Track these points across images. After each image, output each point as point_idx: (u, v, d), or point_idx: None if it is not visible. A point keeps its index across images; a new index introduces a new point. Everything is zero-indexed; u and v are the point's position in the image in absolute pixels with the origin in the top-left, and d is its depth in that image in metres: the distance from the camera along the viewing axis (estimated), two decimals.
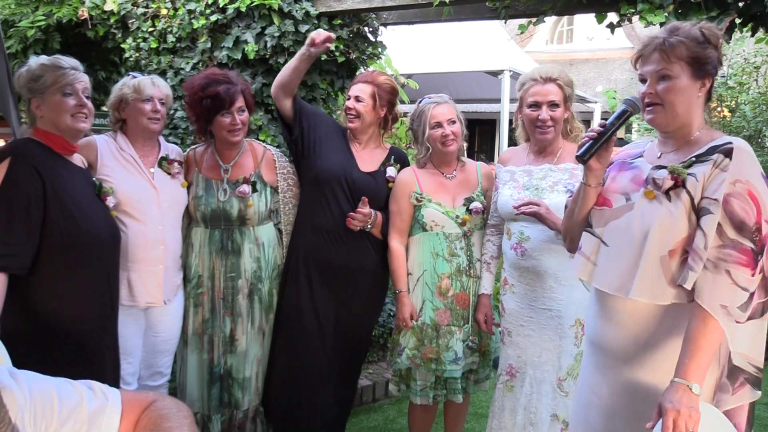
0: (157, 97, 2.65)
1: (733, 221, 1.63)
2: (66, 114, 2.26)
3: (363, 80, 2.92)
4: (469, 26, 6.90)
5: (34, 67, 2.27)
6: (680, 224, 1.70)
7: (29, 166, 2.16)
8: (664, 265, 1.71)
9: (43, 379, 1.25)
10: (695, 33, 1.74)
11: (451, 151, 2.82)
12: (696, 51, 1.73)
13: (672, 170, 1.73)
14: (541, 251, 2.57)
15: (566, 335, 2.57)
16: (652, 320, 1.77)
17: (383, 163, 2.94)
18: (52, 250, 2.18)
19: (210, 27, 3.74)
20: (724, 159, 1.68)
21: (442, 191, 2.85)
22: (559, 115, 2.59)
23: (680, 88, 1.74)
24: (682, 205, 1.71)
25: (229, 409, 2.85)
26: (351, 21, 3.85)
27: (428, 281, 2.80)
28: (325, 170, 2.85)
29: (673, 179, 1.73)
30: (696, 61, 1.73)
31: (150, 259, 2.60)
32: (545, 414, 2.58)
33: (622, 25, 3.38)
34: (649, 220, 1.75)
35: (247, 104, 2.79)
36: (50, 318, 2.20)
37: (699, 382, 1.60)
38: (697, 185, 1.69)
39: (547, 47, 15.97)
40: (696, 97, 1.77)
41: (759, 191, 1.65)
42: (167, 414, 1.29)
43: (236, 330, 2.81)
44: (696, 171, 1.71)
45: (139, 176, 2.64)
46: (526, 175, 2.68)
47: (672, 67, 1.73)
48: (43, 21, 4.14)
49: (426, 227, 2.80)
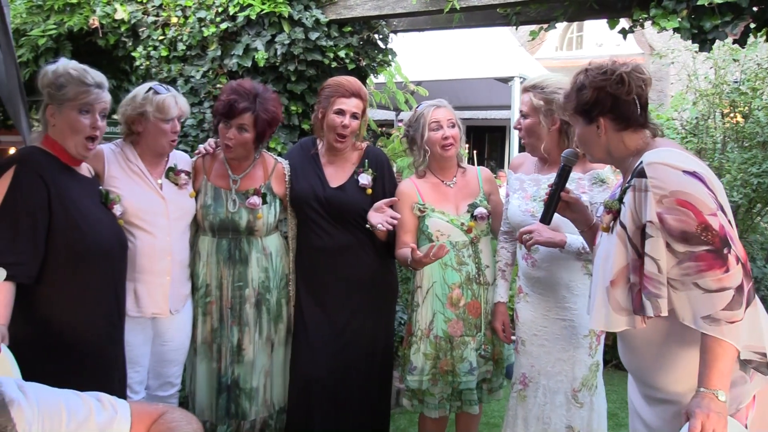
0: (178, 117, 2.61)
1: (676, 236, 1.63)
2: (77, 136, 2.24)
3: (354, 94, 2.77)
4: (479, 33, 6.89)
5: (60, 72, 2.23)
6: (617, 254, 1.76)
7: (35, 174, 2.15)
8: (609, 294, 1.77)
9: (51, 391, 1.24)
10: (574, 82, 1.90)
11: (449, 155, 2.77)
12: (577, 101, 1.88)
13: (606, 205, 1.85)
14: (550, 262, 2.54)
15: (580, 345, 2.54)
16: (660, 336, 1.78)
17: (354, 171, 2.86)
18: (58, 258, 2.18)
19: (220, 35, 3.75)
20: (641, 180, 1.70)
21: (444, 200, 2.81)
22: (528, 124, 2.57)
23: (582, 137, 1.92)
24: (616, 236, 1.77)
25: (236, 420, 2.82)
26: (361, 28, 3.85)
27: (438, 293, 2.77)
28: (298, 195, 2.84)
29: (609, 213, 1.82)
30: (578, 109, 1.88)
31: (157, 270, 2.59)
32: (560, 425, 2.54)
33: (634, 31, 3.35)
34: (598, 254, 1.88)
35: (258, 128, 2.68)
36: (57, 327, 2.19)
37: (724, 388, 1.59)
38: (626, 213, 1.74)
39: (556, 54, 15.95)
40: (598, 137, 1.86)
41: (690, 194, 1.63)
42: (176, 427, 1.28)
43: (243, 340, 2.79)
44: (626, 199, 1.76)
45: (147, 187, 2.62)
46: (534, 184, 2.65)
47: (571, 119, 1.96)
48: (54, 30, 4.16)
49: (432, 238, 2.76)
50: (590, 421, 2.53)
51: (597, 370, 2.56)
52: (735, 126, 6.18)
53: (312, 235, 2.84)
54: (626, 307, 1.75)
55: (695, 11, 2.90)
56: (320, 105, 2.83)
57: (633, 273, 1.73)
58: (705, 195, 1.64)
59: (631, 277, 1.73)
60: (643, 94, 1.82)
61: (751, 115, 6.09)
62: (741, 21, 2.85)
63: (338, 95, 2.76)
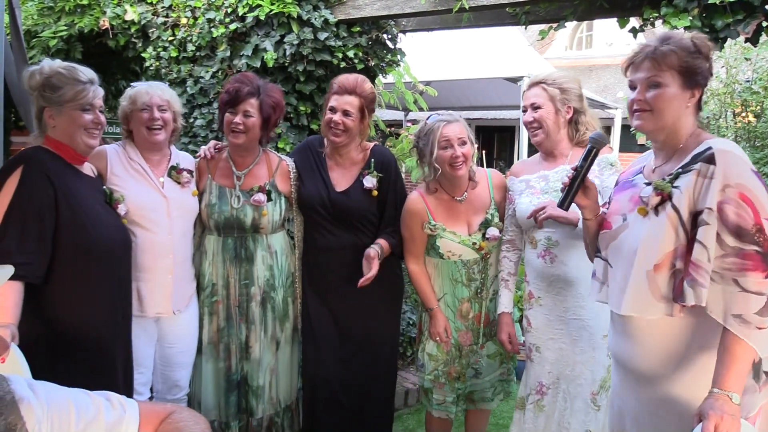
0: (156, 104, 2.60)
1: (730, 228, 1.59)
2: (81, 130, 2.26)
3: (349, 91, 2.73)
4: (488, 33, 6.87)
5: (47, 72, 2.23)
6: (665, 238, 1.69)
7: (41, 174, 2.16)
8: (650, 279, 1.71)
9: (60, 390, 1.24)
10: (686, 43, 1.74)
11: (460, 175, 2.64)
12: (687, 61, 1.73)
13: (656, 186, 1.75)
14: (571, 256, 2.50)
15: (599, 346, 2.49)
16: (679, 337, 1.73)
17: (360, 174, 2.83)
18: (64, 258, 2.18)
19: (229, 35, 3.76)
20: (708, 166, 1.64)
21: (455, 218, 2.73)
22: (543, 115, 2.56)
23: (669, 97, 1.74)
24: (667, 220, 1.70)
25: (245, 416, 2.85)
26: (370, 28, 3.85)
27: (449, 303, 2.77)
28: (305, 200, 2.84)
29: (659, 195, 1.74)
30: (686, 70, 1.74)
31: (159, 269, 2.59)
32: (579, 430, 2.51)
33: (644, 30, 3.33)
34: (638, 236, 1.77)
35: (263, 113, 2.72)
36: (64, 326, 2.20)
37: (738, 391, 1.56)
38: (682, 197, 1.68)
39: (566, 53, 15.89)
40: (685, 106, 1.76)
41: (752, 191, 1.60)
42: (184, 427, 1.28)
43: (250, 337, 2.81)
44: (680, 183, 1.70)
45: (149, 186, 2.63)
46: (542, 180, 2.63)
47: (662, 75, 1.74)
48: (65, 31, 4.19)
49: (443, 256, 2.73)
50: (606, 424, 2.51)
51: None
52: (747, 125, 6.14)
53: (317, 236, 2.84)
54: (666, 294, 1.69)
55: (707, 10, 2.88)
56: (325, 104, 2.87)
57: (680, 259, 1.67)
58: (766, 197, 1.61)
59: (677, 263, 1.67)
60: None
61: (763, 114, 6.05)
62: (753, 19, 2.82)
63: (332, 92, 2.78)
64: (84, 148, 2.31)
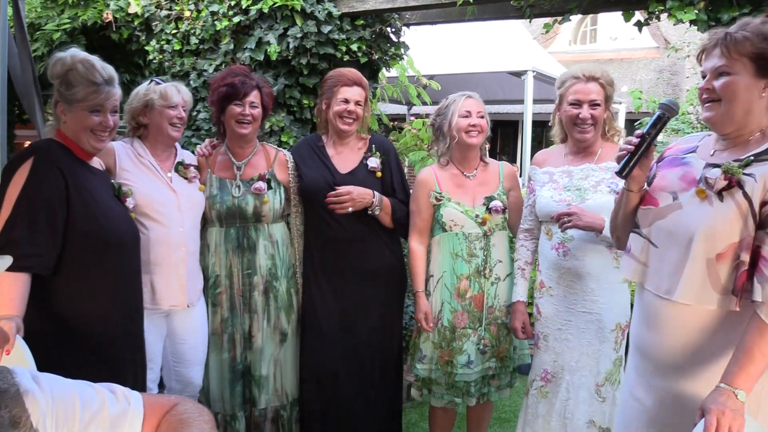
0: (181, 105, 2.67)
1: None
2: (87, 131, 2.23)
3: (356, 83, 2.85)
4: (492, 26, 6.84)
5: (68, 65, 2.19)
6: (733, 227, 1.60)
7: (52, 165, 2.15)
8: (711, 268, 1.62)
9: (65, 382, 1.24)
10: (764, 29, 1.61)
11: (473, 143, 2.77)
12: (761, 47, 1.60)
13: (726, 169, 1.62)
14: (585, 251, 2.50)
15: (606, 340, 2.50)
16: (707, 331, 1.68)
17: (363, 156, 2.90)
18: (75, 250, 2.17)
19: (233, 28, 3.75)
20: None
21: (462, 191, 2.82)
22: (599, 114, 2.54)
23: (740, 86, 1.62)
24: (736, 208, 1.60)
25: (249, 406, 2.86)
26: (373, 21, 3.83)
27: (447, 283, 2.78)
28: (309, 187, 2.85)
29: (727, 179, 1.62)
30: (761, 58, 1.60)
31: (173, 262, 2.60)
32: (582, 420, 2.51)
33: (649, 23, 3.31)
34: (698, 221, 1.65)
35: (264, 104, 2.81)
36: (72, 319, 2.19)
37: (746, 389, 1.51)
38: (756, 186, 1.57)
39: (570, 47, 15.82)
40: (758, 97, 1.63)
41: None
42: (188, 419, 1.27)
43: (253, 327, 2.82)
44: (755, 171, 1.59)
45: (158, 180, 2.64)
46: (566, 176, 2.62)
47: (733, 63, 1.62)
48: (68, 24, 4.19)
49: (446, 227, 2.78)
50: (611, 416, 2.50)
51: (620, 365, 2.52)
52: None
53: (324, 225, 2.84)
54: (726, 285, 1.60)
55: (713, 3, 2.86)
56: (323, 97, 2.89)
57: (745, 250, 1.57)
58: None
59: (742, 255, 1.57)
60: None
61: None
62: (760, 12, 2.80)
63: (341, 84, 2.84)
64: (90, 149, 2.29)
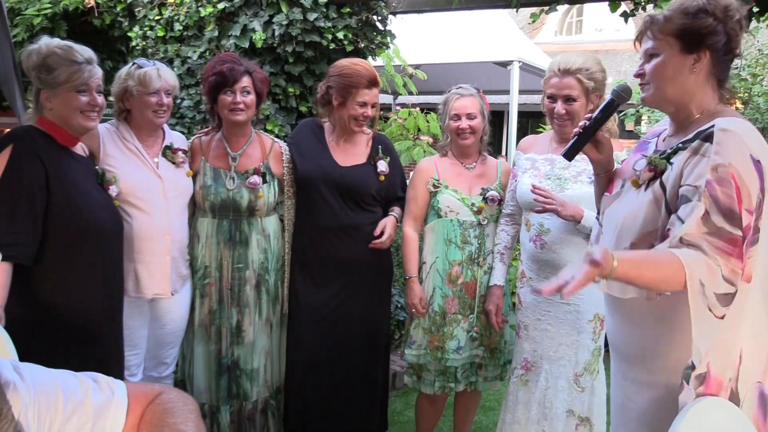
0: (164, 89, 2.58)
1: (720, 208, 1.45)
2: (77, 112, 2.21)
3: (375, 84, 2.79)
4: (478, 16, 6.82)
5: (44, 52, 2.18)
6: (646, 216, 1.60)
7: (32, 153, 2.12)
8: None
9: (47, 372, 1.22)
10: (685, 4, 1.59)
11: (466, 144, 2.85)
12: (684, 22, 1.58)
13: (650, 162, 1.64)
14: (561, 244, 2.52)
15: (584, 330, 2.54)
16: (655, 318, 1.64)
17: (371, 156, 2.88)
18: (56, 239, 2.16)
19: (217, 15, 3.71)
20: (703, 144, 1.52)
21: (460, 180, 2.87)
22: (576, 109, 2.51)
23: (667, 66, 1.61)
24: (652, 198, 1.60)
25: (237, 401, 2.83)
26: (360, 9, 3.81)
27: (440, 268, 2.80)
28: (308, 175, 2.83)
29: (651, 170, 1.63)
30: (685, 33, 1.58)
31: (157, 250, 2.57)
32: (560, 409, 2.55)
33: (635, 14, 3.32)
34: (623, 209, 1.68)
35: (257, 90, 2.76)
36: (54, 308, 2.18)
37: (621, 267, 1.38)
38: (672, 175, 1.57)
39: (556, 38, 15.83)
40: (689, 73, 1.60)
41: (741, 176, 1.46)
42: (172, 408, 1.26)
43: (243, 321, 2.79)
44: (675, 159, 1.58)
45: (143, 166, 2.60)
46: (548, 163, 2.63)
47: (659, 44, 1.62)
48: (49, 9, 4.12)
49: (441, 213, 2.81)
50: (591, 405, 2.55)
51: (599, 355, 2.57)
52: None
53: (318, 213, 2.82)
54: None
55: None
56: (337, 92, 2.77)
57: (659, 240, 1.55)
58: (754, 190, 1.48)
59: (656, 244, 1.55)
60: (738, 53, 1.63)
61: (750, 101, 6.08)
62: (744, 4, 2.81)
63: (361, 86, 2.75)
64: (81, 130, 2.26)
